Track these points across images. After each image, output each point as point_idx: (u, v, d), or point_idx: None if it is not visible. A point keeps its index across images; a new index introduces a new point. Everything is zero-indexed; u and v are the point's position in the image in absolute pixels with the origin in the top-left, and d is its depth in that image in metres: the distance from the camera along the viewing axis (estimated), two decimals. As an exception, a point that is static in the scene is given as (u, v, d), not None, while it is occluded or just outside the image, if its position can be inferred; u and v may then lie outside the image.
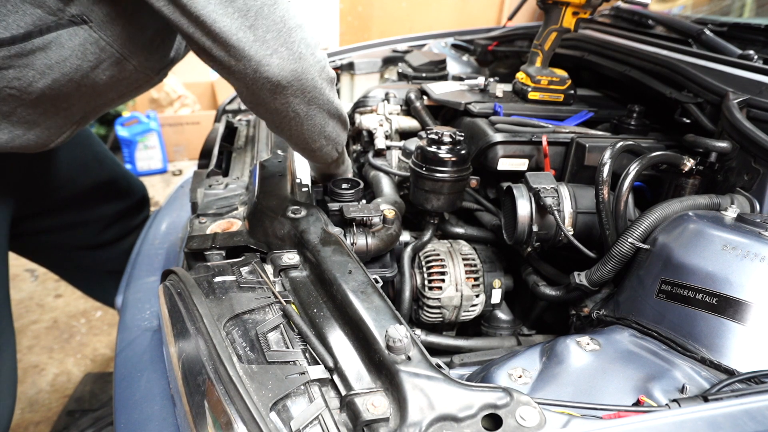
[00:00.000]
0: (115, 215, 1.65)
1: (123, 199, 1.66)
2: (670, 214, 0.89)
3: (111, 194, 1.62)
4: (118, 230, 1.68)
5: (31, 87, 0.86)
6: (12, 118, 0.92)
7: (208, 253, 0.92)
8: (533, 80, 1.33)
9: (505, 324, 1.28)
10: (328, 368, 0.63)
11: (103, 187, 1.58)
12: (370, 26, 4.60)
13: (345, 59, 2.00)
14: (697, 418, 0.54)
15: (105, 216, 1.61)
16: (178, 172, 4.07)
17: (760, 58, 1.17)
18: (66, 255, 1.63)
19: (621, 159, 1.02)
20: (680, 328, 0.76)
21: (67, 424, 1.88)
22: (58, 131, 1.03)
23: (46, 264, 1.71)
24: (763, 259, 0.72)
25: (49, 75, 0.86)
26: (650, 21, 1.64)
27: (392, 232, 1.06)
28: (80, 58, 0.86)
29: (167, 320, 0.74)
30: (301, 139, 0.96)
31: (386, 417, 0.55)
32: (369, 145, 1.49)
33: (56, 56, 0.84)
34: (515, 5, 2.09)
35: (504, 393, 0.56)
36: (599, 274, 0.93)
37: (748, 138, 0.94)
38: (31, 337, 2.35)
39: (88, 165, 1.50)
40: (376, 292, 0.71)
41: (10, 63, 0.82)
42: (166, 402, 0.84)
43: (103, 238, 1.64)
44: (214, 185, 1.17)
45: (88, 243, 1.61)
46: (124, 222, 1.70)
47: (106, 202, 1.61)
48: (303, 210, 0.92)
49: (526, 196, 1.06)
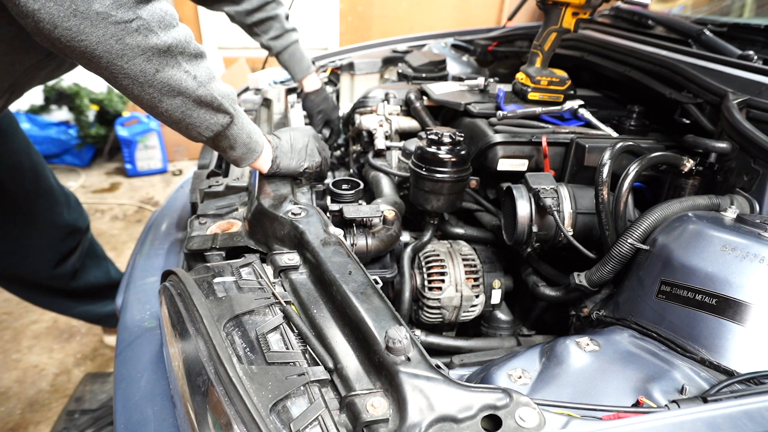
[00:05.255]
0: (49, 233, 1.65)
1: (58, 216, 1.66)
2: (670, 214, 0.89)
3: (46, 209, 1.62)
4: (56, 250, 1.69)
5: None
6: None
7: (208, 254, 0.92)
8: (533, 81, 1.33)
9: (504, 324, 1.28)
10: (328, 369, 0.63)
11: (39, 201, 1.58)
12: (370, 26, 4.60)
13: (345, 59, 2.00)
14: (696, 419, 0.54)
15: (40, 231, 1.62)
16: (178, 172, 4.07)
17: (760, 59, 1.17)
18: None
19: (621, 159, 1.02)
20: (680, 328, 0.76)
21: (67, 424, 1.89)
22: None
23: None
24: (762, 260, 0.72)
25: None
26: (650, 21, 1.64)
27: (392, 233, 1.06)
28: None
29: (167, 321, 0.74)
30: (145, 107, 0.87)
31: (386, 418, 0.55)
32: (369, 145, 1.49)
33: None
34: (515, 5, 2.09)
35: (503, 394, 0.56)
36: (599, 274, 0.93)
37: (748, 138, 0.94)
38: (31, 337, 2.36)
39: (23, 174, 1.51)
40: (376, 293, 0.71)
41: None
42: (166, 403, 0.84)
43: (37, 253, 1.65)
44: (214, 186, 1.17)
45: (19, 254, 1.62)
46: (61, 244, 1.70)
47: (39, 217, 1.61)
48: (303, 210, 0.92)
49: (526, 197, 1.06)
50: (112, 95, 3.96)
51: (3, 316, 2.47)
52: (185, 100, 0.86)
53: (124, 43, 0.76)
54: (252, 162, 1.04)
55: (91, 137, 3.96)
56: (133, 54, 0.77)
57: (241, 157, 1.01)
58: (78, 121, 3.92)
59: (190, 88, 0.86)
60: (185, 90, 0.85)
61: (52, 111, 3.92)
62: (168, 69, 0.82)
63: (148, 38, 0.77)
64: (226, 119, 0.93)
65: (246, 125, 0.98)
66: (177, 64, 0.83)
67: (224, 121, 0.93)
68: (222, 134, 0.95)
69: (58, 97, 3.84)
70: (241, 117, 0.97)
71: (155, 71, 0.81)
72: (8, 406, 2.01)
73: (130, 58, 0.77)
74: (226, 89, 0.92)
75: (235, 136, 0.97)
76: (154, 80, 0.82)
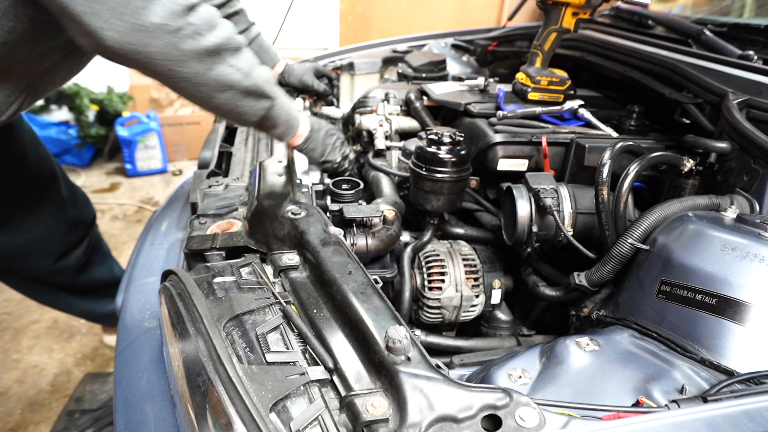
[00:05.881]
0: (56, 226, 1.66)
1: (63, 209, 1.68)
2: (670, 214, 0.89)
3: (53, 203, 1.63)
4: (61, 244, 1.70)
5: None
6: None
7: (208, 254, 0.92)
8: (533, 81, 1.33)
9: (504, 324, 1.28)
10: (327, 369, 0.63)
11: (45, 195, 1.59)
12: (370, 26, 4.60)
13: (345, 59, 2.00)
14: (696, 419, 0.54)
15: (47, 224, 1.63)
16: (178, 172, 4.07)
17: (760, 59, 1.17)
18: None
19: (621, 159, 1.02)
20: (680, 328, 0.76)
21: (67, 424, 1.88)
22: (7, 99, 1.05)
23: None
24: (762, 259, 0.72)
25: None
26: (650, 21, 1.64)
27: (392, 233, 1.06)
28: (12, 20, 0.89)
29: (167, 321, 0.74)
30: (198, 103, 0.97)
31: (386, 418, 0.55)
32: (369, 145, 1.49)
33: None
34: (515, 5, 2.09)
35: (503, 394, 0.56)
36: (599, 274, 0.93)
37: (748, 138, 0.94)
38: (31, 337, 2.36)
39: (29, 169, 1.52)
40: (376, 293, 0.71)
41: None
42: (166, 402, 0.84)
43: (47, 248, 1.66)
44: (214, 186, 1.17)
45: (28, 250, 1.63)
46: (67, 236, 1.71)
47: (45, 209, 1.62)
48: (303, 210, 0.92)
49: (526, 197, 1.06)
50: (112, 95, 3.96)
51: (3, 316, 2.47)
52: (234, 92, 0.95)
53: (180, 49, 0.83)
54: (291, 138, 1.16)
55: (91, 137, 3.95)
56: (187, 58, 0.85)
57: (283, 133, 1.13)
58: (78, 121, 3.92)
59: (237, 81, 0.94)
60: (233, 83, 0.93)
61: (52, 111, 3.92)
62: (217, 67, 0.90)
63: (199, 41, 0.85)
64: (269, 103, 1.02)
65: (285, 104, 1.08)
66: (223, 61, 0.90)
67: (267, 104, 1.02)
68: (266, 116, 1.04)
69: (58, 97, 3.84)
70: (281, 97, 1.06)
71: (207, 70, 0.88)
72: (8, 406, 2.01)
73: (185, 62, 0.85)
74: (265, 73, 1.00)
75: (276, 116, 1.06)
76: (206, 79, 0.89)
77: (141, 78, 4.11)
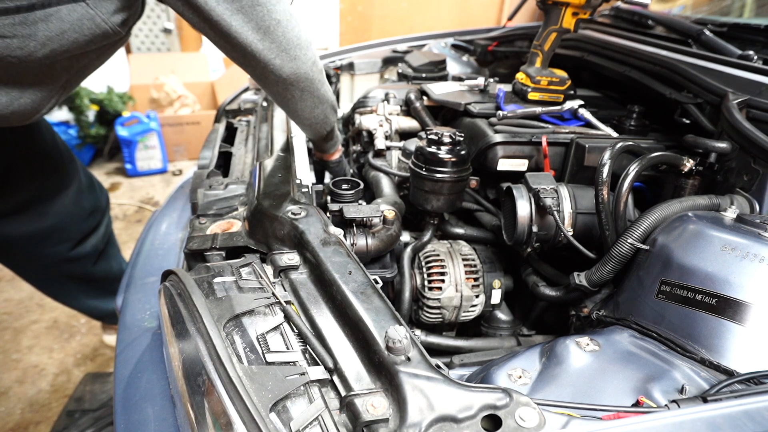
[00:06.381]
0: (73, 217, 1.68)
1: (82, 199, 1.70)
2: (670, 214, 0.89)
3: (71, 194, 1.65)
4: (75, 234, 1.71)
5: (31, 57, 0.93)
6: (8, 83, 1.00)
7: (208, 254, 0.92)
8: (533, 81, 1.33)
9: (504, 324, 1.28)
10: (327, 369, 0.63)
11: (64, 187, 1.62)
12: (370, 26, 4.60)
13: (345, 59, 2.00)
14: (696, 419, 0.54)
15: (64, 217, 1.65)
16: (178, 172, 4.07)
17: (760, 59, 1.17)
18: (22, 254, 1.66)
19: (621, 159, 1.02)
20: (680, 328, 0.76)
21: (67, 424, 1.88)
22: (48, 95, 1.11)
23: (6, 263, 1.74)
24: (762, 259, 0.72)
25: (48, 46, 0.93)
26: (650, 21, 1.64)
27: (392, 233, 1.06)
28: (77, 32, 0.94)
29: (167, 321, 0.74)
30: (296, 114, 1.18)
31: (386, 418, 0.55)
32: (369, 145, 1.49)
33: (56, 29, 0.91)
34: (515, 5, 2.09)
35: (503, 394, 0.56)
36: (599, 274, 0.93)
37: (748, 138, 0.94)
38: (31, 337, 2.36)
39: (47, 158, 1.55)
40: (376, 293, 0.71)
41: (14, 32, 0.89)
42: (166, 403, 0.84)
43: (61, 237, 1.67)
44: (214, 186, 1.17)
45: (44, 240, 1.64)
46: (81, 224, 1.72)
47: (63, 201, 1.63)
48: (303, 210, 0.92)
49: (526, 197, 1.06)
50: (112, 95, 3.95)
51: (3, 316, 2.47)
52: (328, 107, 1.19)
53: (318, 65, 1.09)
54: (334, 150, 1.40)
55: (91, 137, 3.95)
56: (318, 71, 1.10)
57: (333, 145, 1.37)
58: (78, 121, 3.92)
59: (329, 96, 1.18)
60: (329, 98, 1.19)
61: (52, 111, 3.92)
62: (324, 82, 1.14)
63: (319, 59, 1.09)
64: (336, 116, 1.26)
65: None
66: (323, 76, 1.13)
67: (335, 118, 1.26)
68: (333, 128, 1.29)
69: (58, 97, 3.84)
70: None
71: (321, 84, 1.13)
72: (8, 406, 2.01)
73: (318, 77, 1.10)
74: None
75: (335, 129, 1.31)
76: (319, 94, 1.14)
77: (141, 78, 4.13)
